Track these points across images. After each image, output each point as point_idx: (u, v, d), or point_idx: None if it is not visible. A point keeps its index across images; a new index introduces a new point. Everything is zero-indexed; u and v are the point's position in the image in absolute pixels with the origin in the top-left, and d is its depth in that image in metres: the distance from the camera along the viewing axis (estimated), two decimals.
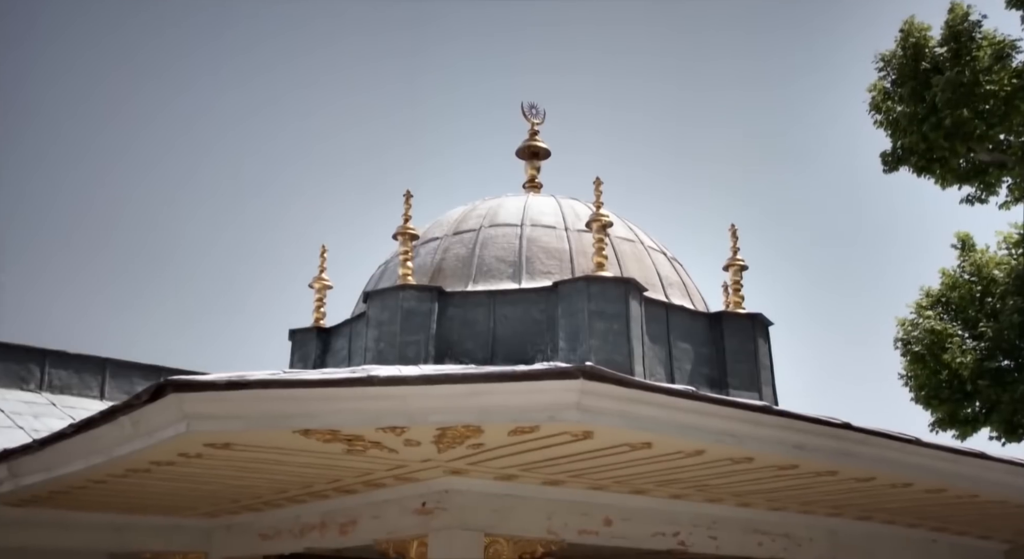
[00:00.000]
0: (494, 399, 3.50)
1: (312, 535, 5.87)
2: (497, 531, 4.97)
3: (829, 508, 6.05)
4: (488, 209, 8.35)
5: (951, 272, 13.38)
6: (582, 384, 3.44)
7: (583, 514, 5.35)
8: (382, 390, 3.45)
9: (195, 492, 5.44)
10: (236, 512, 6.42)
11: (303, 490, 5.43)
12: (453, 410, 3.53)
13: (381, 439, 3.89)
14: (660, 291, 7.85)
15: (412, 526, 5.05)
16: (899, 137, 12.12)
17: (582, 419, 3.50)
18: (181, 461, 4.24)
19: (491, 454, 4.27)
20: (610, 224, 7.61)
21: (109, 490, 5.18)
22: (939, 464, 4.67)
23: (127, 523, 6.48)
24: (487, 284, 7.47)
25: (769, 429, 4.05)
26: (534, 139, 9.57)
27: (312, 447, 3.99)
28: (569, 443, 4.01)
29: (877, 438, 4.36)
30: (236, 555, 6.70)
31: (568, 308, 7.00)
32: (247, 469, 4.59)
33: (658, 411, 3.73)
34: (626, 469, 4.62)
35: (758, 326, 8.01)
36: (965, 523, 6.57)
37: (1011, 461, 4.98)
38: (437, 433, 3.79)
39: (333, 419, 3.52)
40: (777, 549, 6.23)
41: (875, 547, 6.72)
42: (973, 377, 11.73)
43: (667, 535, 5.72)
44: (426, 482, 4.95)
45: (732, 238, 8.38)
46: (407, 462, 4.47)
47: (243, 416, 3.46)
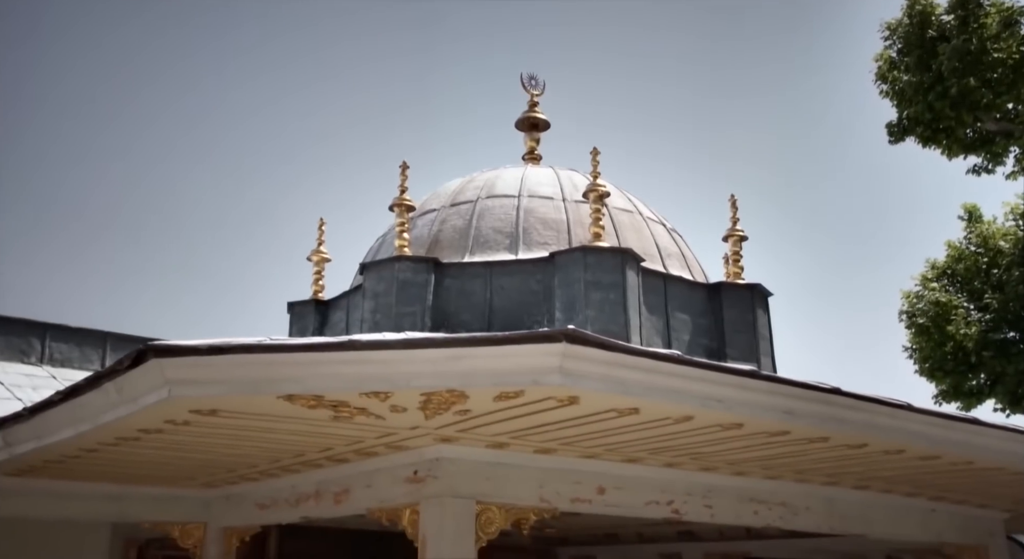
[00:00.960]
0: (476, 363, 3.48)
1: (307, 504, 5.90)
2: (489, 499, 4.98)
3: (825, 477, 6.03)
4: (486, 181, 8.30)
5: (957, 244, 13.27)
6: (564, 348, 3.41)
7: (576, 482, 5.35)
8: (364, 354, 3.43)
9: (189, 462, 5.47)
10: (234, 482, 6.46)
11: (296, 459, 5.45)
12: (436, 375, 3.51)
13: (366, 405, 3.88)
14: (658, 262, 7.81)
15: (404, 495, 5.06)
16: (905, 107, 11.98)
17: (565, 383, 3.48)
18: (169, 429, 4.24)
19: (479, 421, 4.26)
20: (607, 194, 7.55)
21: (103, 459, 5.21)
22: (931, 430, 4.64)
23: (125, 493, 6.53)
24: (484, 255, 7.44)
25: (757, 394, 4.02)
26: (533, 110, 9.50)
27: (299, 414, 3.98)
28: (556, 409, 3.99)
29: (867, 403, 4.32)
30: (234, 525, 6.76)
31: (564, 279, 6.97)
32: (237, 437, 4.60)
33: (643, 375, 3.70)
34: (616, 436, 4.60)
35: (757, 297, 7.96)
36: (963, 492, 6.55)
37: (1004, 427, 4.94)
38: (422, 399, 3.78)
39: (316, 384, 3.51)
40: (773, 518, 6.22)
41: (872, 516, 6.70)
42: (978, 349, 11.66)
43: (661, 504, 5.72)
44: (417, 450, 4.95)
45: (732, 209, 8.32)
46: (396, 430, 4.47)
47: (225, 381, 3.45)
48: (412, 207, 7.70)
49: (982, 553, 7.13)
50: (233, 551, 6.85)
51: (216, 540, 6.81)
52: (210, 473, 6.06)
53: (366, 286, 7.38)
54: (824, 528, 6.46)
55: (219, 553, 6.80)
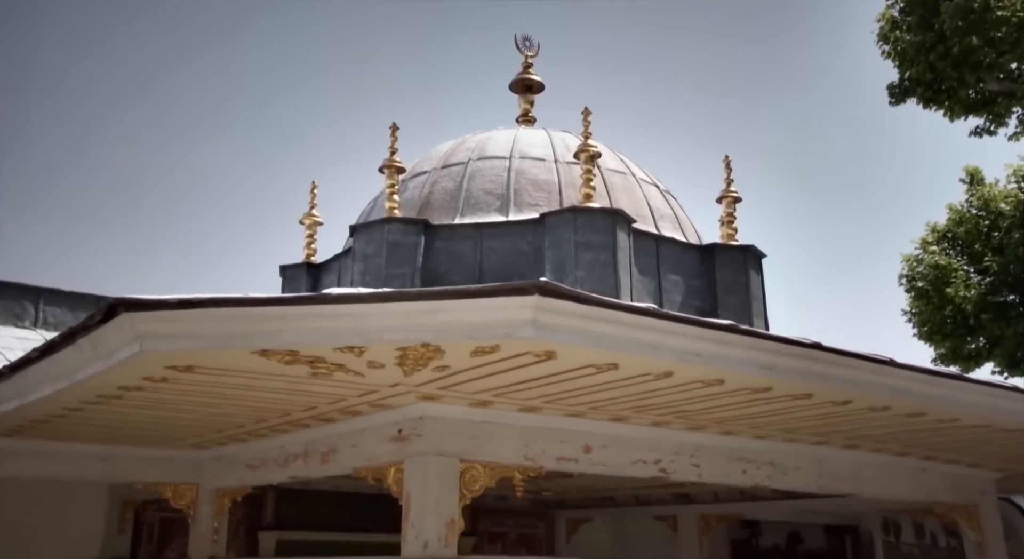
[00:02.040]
0: (449, 317, 3.46)
1: (296, 464, 5.92)
2: (473, 457, 4.98)
3: (814, 436, 6.02)
4: (477, 142, 8.23)
5: (958, 207, 13.16)
6: (537, 300, 3.38)
7: (561, 441, 5.35)
8: (336, 308, 3.41)
9: (176, 422, 5.48)
10: (224, 443, 6.49)
11: (283, 419, 5.46)
12: (409, 328, 3.49)
13: (343, 361, 3.87)
14: (651, 223, 7.76)
15: (389, 453, 5.07)
16: (906, 68, 11.81)
17: (538, 336, 3.45)
18: (149, 386, 4.24)
19: (459, 378, 4.24)
20: (598, 155, 7.48)
21: (89, 419, 5.23)
22: (915, 386, 4.61)
23: (117, 454, 6.58)
24: (474, 217, 7.40)
25: (736, 349, 3.99)
26: (527, 72, 9.40)
27: (276, 370, 3.97)
28: (534, 364, 3.97)
29: (850, 359, 4.29)
30: (226, 486, 6.80)
31: (555, 240, 6.93)
32: (220, 395, 4.60)
33: (619, 329, 3.67)
34: (598, 393, 4.59)
35: (750, 258, 7.91)
36: (954, 451, 6.54)
37: (989, 383, 4.91)
38: (398, 354, 3.76)
39: (289, 338, 3.49)
40: (762, 477, 6.23)
41: (863, 475, 6.71)
42: (977, 312, 11.61)
43: (648, 463, 5.72)
44: (401, 409, 4.95)
45: (726, 170, 8.25)
46: (377, 387, 4.46)
47: (197, 336, 3.44)
48: (402, 169, 7.65)
49: (972, 512, 7.14)
50: (225, 511, 6.90)
51: (208, 501, 6.86)
52: (199, 434, 6.08)
53: (356, 248, 7.36)
54: (813, 487, 6.47)
55: (211, 513, 6.86)
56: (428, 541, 4.69)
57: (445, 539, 4.75)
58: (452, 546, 4.76)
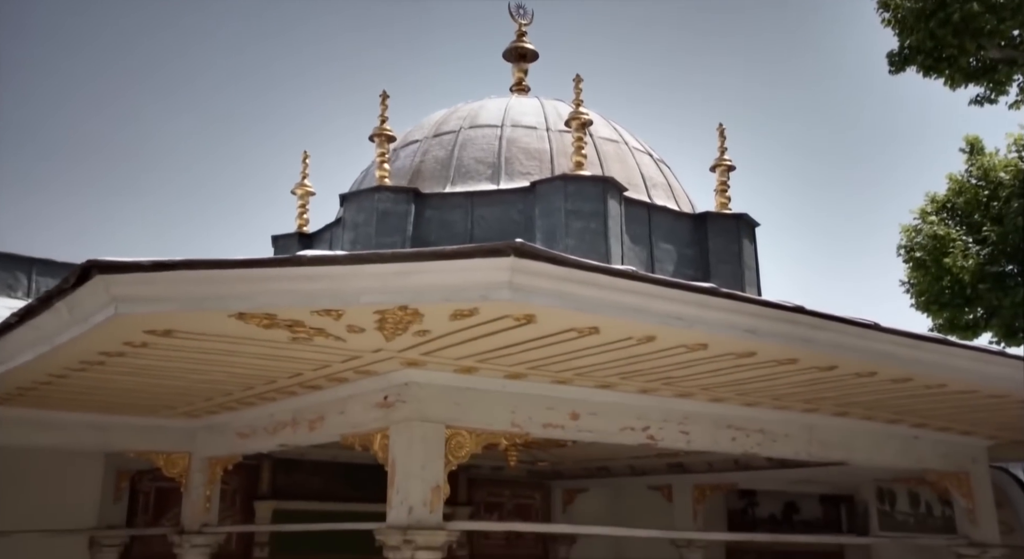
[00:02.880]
0: (425, 278, 3.44)
1: (284, 432, 5.94)
2: (459, 423, 4.98)
3: (803, 403, 6.01)
4: (469, 111, 8.17)
5: (958, 177, 13.06)
6: (513, 262, 3.36)
7: (548, 408, 5.35)
8: (311, 270, 3.39)
9: (163, 389, 5.49)
10: (214, 412, 6.51)
11: (270, 387, 5.47)
12: (385, 290, 3.47)
13: (323, 325, 3.86)
14: (643, 192, 7.71)
15: (375, 420, 5.08)
16: (906, 36, 11.66)
17: (515, 298, 3.43)
18: (130, 351, 4.24)
19: (441, 343, 4.23)
20: (589, 122, 7.42)
21: (76, 386, 5.24)
22: (900, 350, 4.58)
23: (109, 423, 6.60)
24: (465, 185, 7.36)
25: (718, 312, 3.96)
26: (521, 40, 9.31)
27: (256, 335, 3.96)
28: (514, 329, 3.95)
29: (833, 322, 4.27)
30: (218, 454, 6.83)
31: (545, 208, 6.89)
32: (203, 361, 4.59)
33: (598, 292, 3.64)
34: (583, 359, 4.58)
35: (743, 227, 7.87)
36: (944, 418, 6.53)
37: (975, 347, 4.88)
38: (376, 317, 3.75)
39: (265, 301, 3.47)
40: (751, 444, 6.23)
41: (853, 443, 6.71)
42: (974, 282, 11.56)
43: (636, 430, 5.72)
44: (386, 376, 4.95)
45: (720, 138, 8.18)
46: (359, 352, 4.45)
47: (172, 298, 3.42)
48: (392, 137, 7.60)
49: (963, 479, 7.15)
50: (218, 479, 6.94)
51: (201, 469, 6.90)
52: (188, 402, 6.09)
53: (346, 217, 7.33)
54: (803, 455, 6.47)
55: (204, 481, 6.89)
56: (413, 506, 4.70)
57: (430, 504, 4.76)
58: (437, 511, 4.77)
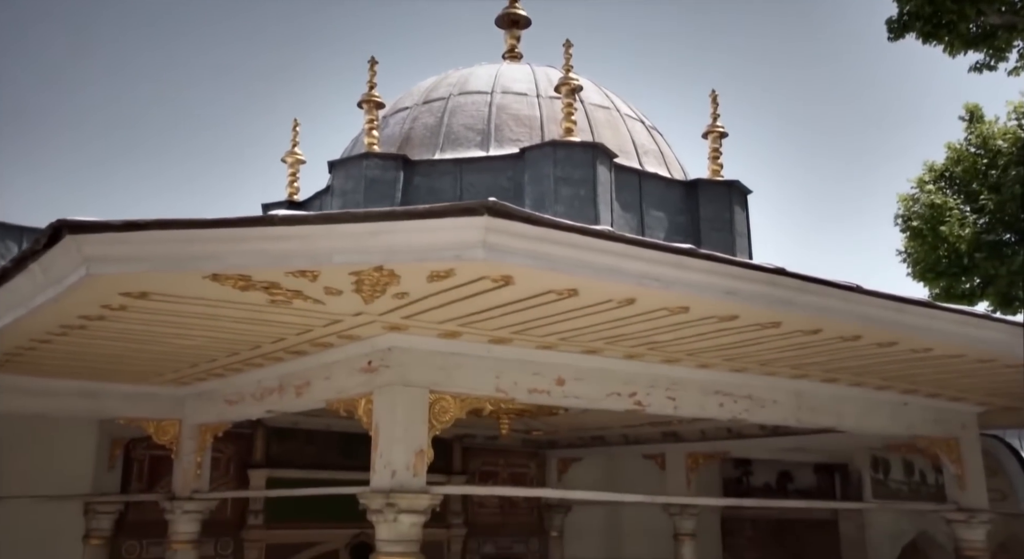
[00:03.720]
0: (398, 238, 3.41)
1: (271, 398, 5.95)
2: (443, 388, 4.98)
3: (791, 369, 6.00)
4: (459, 78, 8.10)
5: (957, 146, 12.94)
6: (486, 221, 3.33)
7: (534, 373, 5.34)
8: (282, 230, 3.37)
9: (148, 354, 5.49)
10: (203, 379, 6.52)
11: (254, 352, 5.47)
12: (357, 250, 3.44)
13: (299, 287, 3.84)
14: (634, 159, 7.65)
15: (359, 385, 5.08)
16: (905, 2, 11.49)
17: (489, 257, 3.40)
18: (109, 315, 4.23)
19: (420, 306, 4.21)
20: (580, 88, 7.35)
21: (60, 352, 5.24)
22: (884, 313, 4.55)
23: (99, 390, 6.62)
24: (454, 152, 7.31)
25: (696, 273, 3.93)
26: (513, 6, 9.21)
27: (233, 297, 3.95)
28: (493, 291, 3.93)
29: (815, 285, 4.24)
30: (207, 421, 6.86)
31: (534, 174, 6.84)
32: (184, 325, 4.58)
33: (574, 252, 3.62)
34: (564, 322, 4.56)
35: (735, 194, 7.82)
36: (934, 384, 6.51)
37: (959, 310, 4.85)
38: (352, 278, 3.73)
39: (237, 261, 3.45)
40: (739, 410, 6.22)
41: (842, 409, 6.70)
42: (971, 251, 11.49)
43: (623, 395, 5.72)
44: (369, 340, 4.94)
45: (712, 104, 8.09)
46: (340, 316, 4.44)
47: (144, 258, 3.40)
48: (381, 104, 7.53)
49: (953, 445, 7.15)
50: (208, 446, 6.97)
51: (191, 436, 6.92)
52: (175, 368, 6.10)
53: (334, 184, 7.29)
54: (791, 421, 6.47)
55: (194, 448, 6.92)
56: (396, 470, 4.72)
57: (414, 468, 4.77)
58: (420, 475, 4.79)
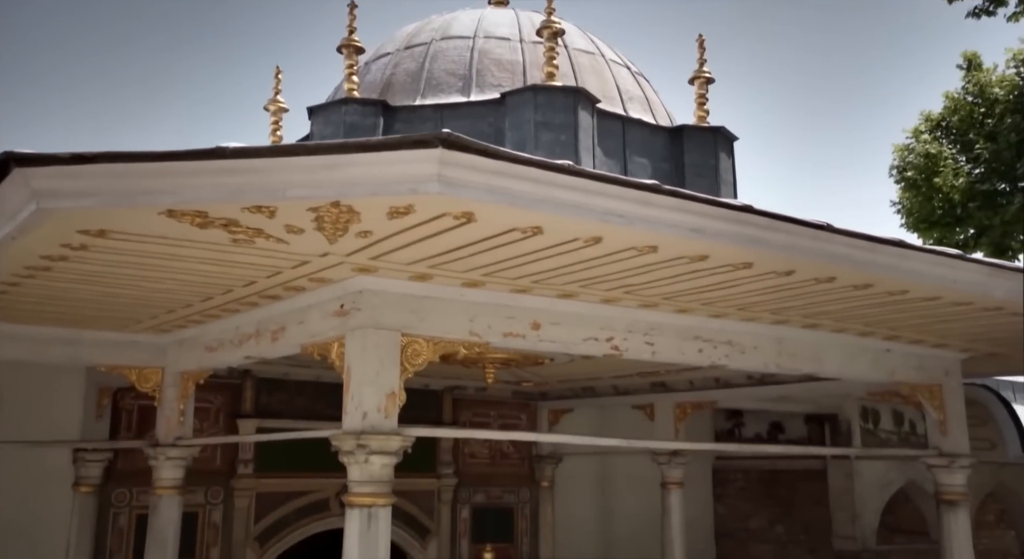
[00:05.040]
0: (352, 171, 3.36)
1: (249, 344, 5.95)
2: (415, 331, 4.97)
3: (771, 314, 5.97)
4: (442, 23, 7.96)
5: (954, 95, 12.75)
6: (441, 153, 3.28)
7: (508, 317, 5.32)
8: (234, 163, 3.32)
9: (121, 299, 5.48)
10: (183, 326, 6.53)
11: (228, 297, 5.45)
12: (312, 184, 3.40)
13: (259, 225, 3.80)
14: (619, 105, 7.55)
15: (332, 328, 5.07)
16: None
17: (444, 191, 3.35)
18: (72, 255, 4.21)
19: (386, 246, 4.18)
20: (561, 31, 7.22)
21: (32, 295, 5.24)
22: (856, 253, 4.50)
23: (79, 337, 6.64)
24: (435, 98, 7.21)
25: (662, 210, 3.88)
26: None
27: (194, 236, 3.92)
28: (456, 229, 3.89)
29: (784, 223, 4.18)
30: (189, 369, 6.87)
31: (515, 120, 6.76)
32: (150, 267, 4.55)
33: (533, 187, 3.56)
34: (534, 264, 4.52)
35: (721, 140, 7.71)
36: (915, 329, 6.49)
37: (933, 250, 4.79)
38: (312, 215, 3.68)
39: (191, 195, 3.41)
40: (718, 356, 6.21)
41: (824, 356, 6.69)
42: (964, 201, 11.40)
43: (600, 340, 5.71)
44: (341, 284, 4.92)
45: (699, 49, 7.95)
46: (307, 257, 4.41)
47: (95, 193, 3.36)
48: (361, 49, 7.42)
49: (936, 391, 7.15)
50: (191, 394, 6.99)
51: (173, 384, 6.95)
52: (152, 315, 6.10)
53: (313, 131, 7.22)
54: (772, 367, 6.46)
55: (176, 396, 6.95)
56: (367, 412, 4.73)
57: (385, 410, 4.78)
58: (392, 417, 4.79)
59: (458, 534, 10.76)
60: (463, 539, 10.78)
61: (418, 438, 4.94)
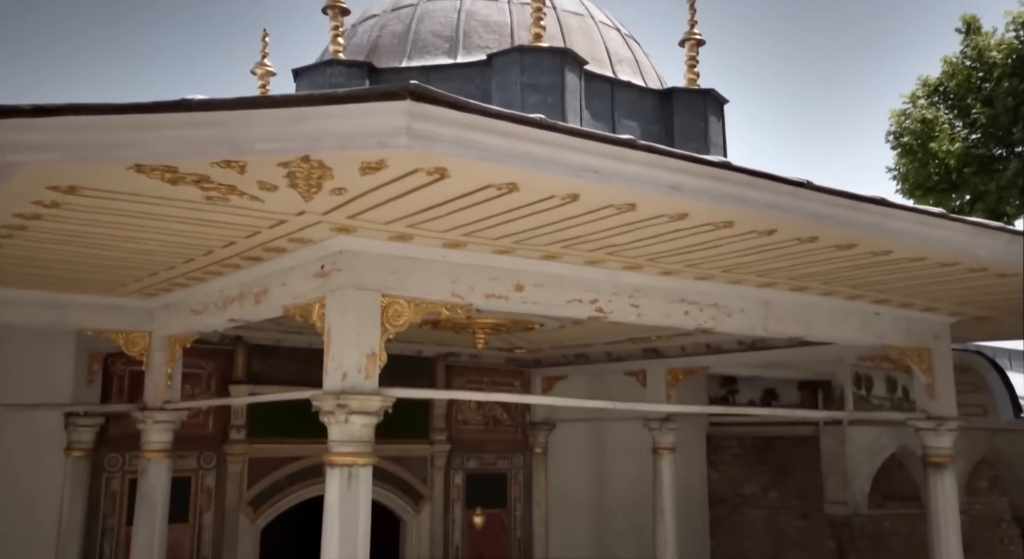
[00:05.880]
0: (319, 124, 3.31)
1: (233, 307, 5.94)
2: (396, 292, 4.94)
3: (757, 276, 5.94)
4: None
5: (953, 59, 12.60)
6: (410, 105, 3.22)
7: (491, 279, 5.30)
8: (198, 116, 3.27)
9: (102, 260, 5.46)
10: (169, 290, 6.52)
11: (210, 258, 5.43)
12: (279, 138, 3.35)
13: (232, 182, 3.76)
14: (607, 67, 7.46)
15: (312, 290, 5.05)
16: None
17: (414, 145, 3.30)
18: (45, 213, 4.18)
19: (362, 204, 4.14)
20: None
21: (12, 258, 5.23)
22: (838, 211, 4.45)
23: (65, 301, 6.63)
24: (422, 60, 7.14)
25: (638, 166, 3.82)
26: None
27: (167, 193, 3.88)
28: (431, 185, 3.84)
29: (763, 180, 4.13)
30: (176, 332, 6.87)
31: (501, 81, 6.69)
32: (127, 226, 4.52)
33: (506, 141, 3.51)
34: (513, 224, 4.48)
35: (711, 103, 7.63)
36: (903, 292, 6.46)
37: (915, 208, 4.74)
38: (283, 171, 3.64)
39: (157, 149, 3.37)
40: (704, 319, 6.19)
41: (812, 319, 6.67)
42: (960, 166, 11.30)
43: (584, 302, 5.68)
44: (321, 244, 4.90)
45: (690, 10, 7.85)
46: (284, 215, 4.38)
47: (59, 146, 3.32)
48: (346, 10, 7.32)
49: (924, 355, 7.13)
50: (178, 358, 7.00)
51: (160, 348, 6.95)
52: (136, 278, 6.08)
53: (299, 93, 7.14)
54: (759, 330, 6.44)
55: (164, 360, 6.95)
56: (347, 372, 4.72)
57: (365, 370, 4.77)
58: (372, 377, 4.78)
59: (451, 499, 10.83)
60: (456, 504, 10.85)
61: (411, 405, 4.95)
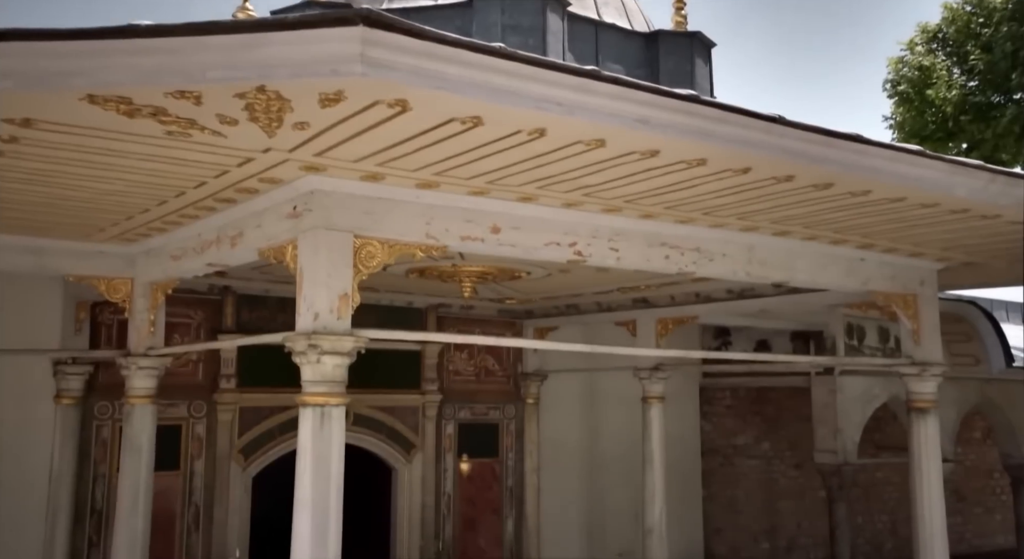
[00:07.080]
0: (272, 51, 3.24)
1: (210, 251, 5.91)
2: (369, 233, 4.90)
3: (738, 219, 5.88)
4: None
5: (953, 5, 12.36)
6: (363, 31, 3.15)
7: (467, 221, 5.25)
8: (146, 42, 3.20)
9: (74, 203, 5.44)
10: (148, 235, 6.50)
11: (182, 201, 5.40)
12: (231, 65, 3.28)
13: (190, 115, 3.71)
14: (592, 9, 7.33)
15: (286, 231, 5.02)
16: None
17: (368, 73, 3.23)
18: (8, 150, 4.16)
19: (327, 140, 4.08)
20: None
21: None
22: (812, 148, 4.37)
23: (45, 247, 6.61)
24: (402, 2, 7.01)
25: (602, 98, 3.75)
26: None
27: (126, 127, 3.83)
28: (393, 119, 3.77)
29: (734, 115, 4.05)
30: (157, 279, 6.86)
31: (482, 23, 6.59)
32: (91, 164, 4.48)
33: (465, 71, 3.43)
34: (482, 162, 4.42)
35: (697, 46, 7.51)
36: (888, 237, 6.39)
37: (890, 145, 4.65)
38: (241, 103, 3.57)
39: (106, 77, 3.30)
40: (686, 263, 6.15)
41: (795, 263, 6.62)
42: (957, 114, 11.14)
43: (563, 245, 5.63)
44: (292, 185, 4.85)
45: None
46: (250, 153, 4.32)
47: (6, 74, 3.26)
48: None
49: (910, 301, 7.09)
50: (161, 304, 6.99)
51: (143, 294, 6.94)
52: (113, 222, 6.04)
53: None
54: (741, 274, 6.39)
55: (146, 306, 6.95)
56: (319, 313, 4.69)
57: (337, 311, 4.75)
58: (345, 318, 4.76)
59: (443, 449, 10.90)
60: (448, 454, 10.93)
61: (402, 356, 4.94)
